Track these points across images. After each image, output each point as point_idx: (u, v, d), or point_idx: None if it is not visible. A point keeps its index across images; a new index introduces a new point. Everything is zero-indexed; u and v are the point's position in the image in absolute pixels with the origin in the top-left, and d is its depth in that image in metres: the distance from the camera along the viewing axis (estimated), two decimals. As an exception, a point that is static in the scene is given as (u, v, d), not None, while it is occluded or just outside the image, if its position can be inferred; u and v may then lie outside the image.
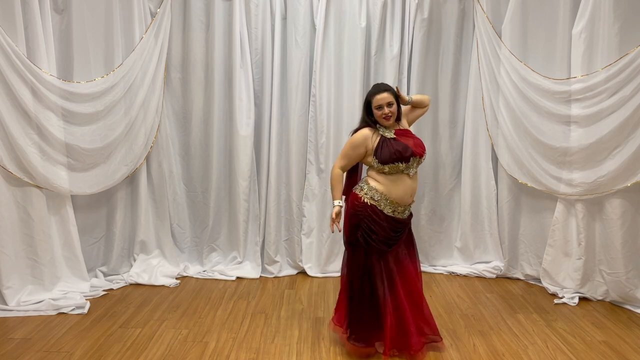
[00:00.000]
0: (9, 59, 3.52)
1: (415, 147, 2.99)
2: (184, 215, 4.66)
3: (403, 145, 2.96)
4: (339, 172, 3.06)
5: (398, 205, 2.99)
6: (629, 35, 3.61)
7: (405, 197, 3.01)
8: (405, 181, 2.98)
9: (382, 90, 3.01)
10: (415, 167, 3.01)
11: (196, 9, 4.41)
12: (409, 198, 3.03)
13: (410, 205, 3.08)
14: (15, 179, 3.70)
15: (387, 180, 2.96)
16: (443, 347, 3.16)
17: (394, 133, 3.01)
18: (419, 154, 3.00)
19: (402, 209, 3.02)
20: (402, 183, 2.97)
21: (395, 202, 2.97)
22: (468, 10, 4.51)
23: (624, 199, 3.76)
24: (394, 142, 2.97)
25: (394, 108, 3.00)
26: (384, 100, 2.97)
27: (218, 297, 4.02)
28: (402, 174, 2.97)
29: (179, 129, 4.58)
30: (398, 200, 2.98)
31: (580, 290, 4.03)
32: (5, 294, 3.66)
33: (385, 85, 3.06)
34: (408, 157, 2.94)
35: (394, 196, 2.97)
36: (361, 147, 3.00)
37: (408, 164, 2.96)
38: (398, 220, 3.01)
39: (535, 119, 4.11)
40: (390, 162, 2.92)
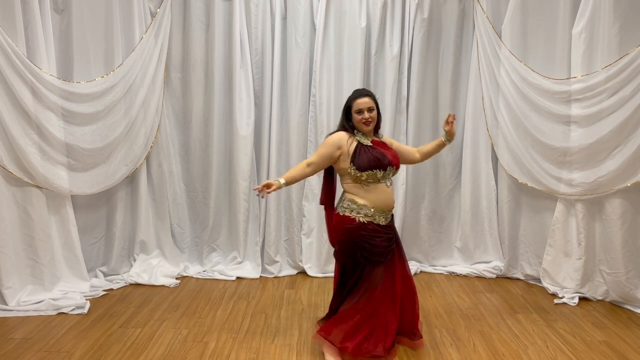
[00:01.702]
0: (9, 59, 3.52)
1: (392, 157, 2.98)
2: (184, 215, 4.66)
3: (381, 153, 2.93)
4: (303, 163, 2.99)
5: (388, 212, 2.99)
6: (629, 35, 3.61)
7: (389, 203, 2.98)
8: (384, 189, 2.94)
9: (364, 95, 2.97)
10: (390, 177, 2.99)
11: (196, 9, 4.41)
12: (392, 203, 3.01)
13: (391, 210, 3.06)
14: (15, 179, 3.70)
15: (369, 190, 2.93)
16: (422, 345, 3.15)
17: (371, 141, 2.99)
18: (396, 164, 2.99)
19: (389, 214, 3.02)
20: (382, 191, 2.94)
21: (384, 210, 2.96)
22: (468, 10, 4.51)
23: (624, 199, 3.76)
24: (372, 149, 2.93)
25: (374, 114, 2.97)
26: (365, 104, 2.94)
27: (218, 297, 4.02)
28: (380, 183, 2.93)
29: (179, 129, 4.59)
30: (385, 207, 2.96)
31: (580, 290, 4.03)
32: (5, 294, 3.66)
33: (367, 91, 3.03)
34: (385, 165, 2.91)
35: (381, 205, 2.94)
36: (334, 148, 2.94)
37: (385, 173, 2.92)
38: (387, 226, 2.99)
39: (535, 119, 4.11)
40: (369, 169, 2.88)
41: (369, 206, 2.91)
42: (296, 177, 2.98)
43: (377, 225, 2.92)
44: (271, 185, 2.83)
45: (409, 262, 4.64)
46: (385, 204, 2.95)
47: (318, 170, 3.01)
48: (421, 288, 4.26)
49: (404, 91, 4.55)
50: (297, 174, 2.97)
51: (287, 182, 2.92)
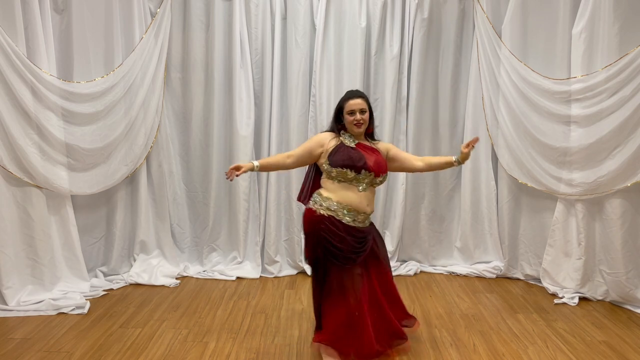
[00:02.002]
0: (9, 59, 3.52)
1: (372, 163, 2.83)
2: (184, 215, 4.66)
3: (359, 155, 2.82)
4: (284, 154, 2.96)
5: (357, 214, 2.85)
6: (629, 35, 3.61)
7: (361, 205, 2.85)
8: (355, 191, 2.82)
9: (357, 96, 2.89)
10: (366, 183, 2.83)
11: (196, 9, 4.41)
12: (366, 206, 2.87)
13: (369, 214, 2.93)
14: (15, 179, 3.70)
15: (339, 187, 2.82)
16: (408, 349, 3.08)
17: (357, 144, 2.89)
18: (374, 170, 2.82)
19: (362, 218, 2.87)
20: (353, 193, 2.82)
21: (353, 210, 2.83)
22: (468, 10, 4.51)
23: (624, 199, 3.76)
24: (353, 150, 2.84)
25: (366, 116, 2.89)
26: (357, 106, 2.86)
27: (218, 297, 4.02)
28: (351, 185, 2.82)
29: (179, 129, 4.59)
30: (355, 207, 2.83)
31: (580, 290, 4.03)
32: (5, 294, 3.66)
33: (360, 92, 2.95)
34: (359, 167, 2.78)
35: (350, 203, 2.82)
36: (316, 144, 2.89)
37: (358, 175, 2.80)
38: (359, 229, 2.87)
39: (535, 119, 4.11)
40: (340, 166, 2.79)
41: (333, 200, 2.82)
42: (272, 164, 2.95)
43: (340, 222, 2.80)
44: (240, 167, 2.79)
45: (409, 262, 4.71)
46: (354, 206, 2.83)
47: (298, 163, 2.94)
48: (421, 288, 4.26)
49: (404, 91, 4.55)
50: (274, 161, 2.97)
51: (260, 166, 2.87)
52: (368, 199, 2.86)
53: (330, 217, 2.81)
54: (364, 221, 2.89)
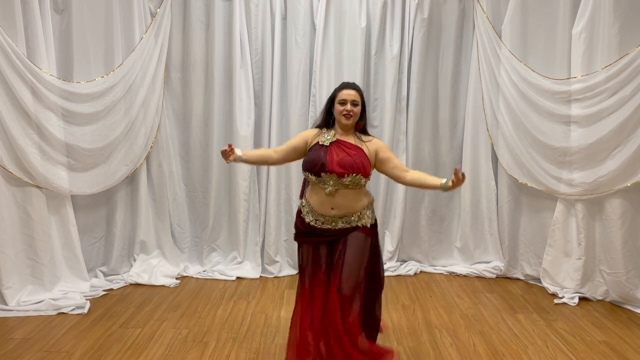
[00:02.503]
0: (9, 59, 3.51)
1: (334, 164, 2.61)
2: (184, 215, 4.66)
3: (318, 157, 2.64)
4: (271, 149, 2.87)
5: (319, 215, 2.70)
6: (629, 35, 3.61)
7: (322, 207, 2.68)
8: (321, 194, 2.67)
9: (351, 87, 2.74)
10: (332, 185, 2.63)
11: (196, 9, 4.41)
12: (328, 209, 2.67)
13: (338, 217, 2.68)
14: (15, 179, 3.70)
15: (312, 188, 2.73)
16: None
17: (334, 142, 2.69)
18: (335, 171, 2.60)
19: (324, 220, 2.69)
20: (320, 196, 2.68)
21: (315, 211, 2.70)
22: (468, 10, 4.51)
23: (624, 199, 3.76)
24: (320, 150, 2.67)
25: (358, 110, 2.70)
26: (350, 96, 2.69)
27: (218, 297, 4.02)
28: (318, 186, 2.67)
29: (179, 129, 4.59)
30: (317, 209, 2.70)
31: (580, 290, 4.03)
32: (5, 294, 3.66)
33: (355, 85, 2.78)
34: (317, 171, 2.62)
35: (312, 204, 2.71)
36: (301, 140, 2.77)
37: (319, 178, 2.63)
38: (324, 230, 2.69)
39: (535, 119, 4.11)
40: (304, 169, 2.69)
41: (307, 201, 2.75)
42: (256, 156, 2.83)
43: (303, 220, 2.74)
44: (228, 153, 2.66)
45: (409, 262, 4.70)
46: (317, 207, 2.69)
47: (285, 159, 2.81)
48: (421, 288, 4.26)
49: (404, 91, 4.55)
50: (259, 153, 2.95)
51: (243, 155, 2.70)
52: (335, 203, 2.64)
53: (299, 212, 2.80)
54: (331, 222, 2.68)
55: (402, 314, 3.70)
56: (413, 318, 3.63)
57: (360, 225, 2.69)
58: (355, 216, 2.69)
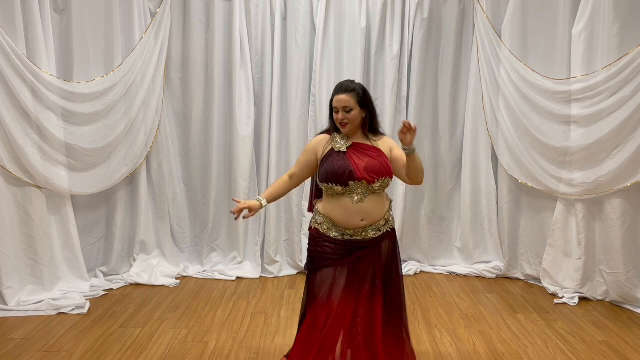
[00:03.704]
0: (9, 59, 3.51)
1: (361, 170, 2.43)
2: (184, 215, 4.66)
3: (344, 165, 2.44)
4: (285, 176, 2.65)
5: (346, 229, 2.49)
6: (629, 35, 3.61)
7: (350, 220, 2.47)
8: (347, 205, 2.46)
9: (343, 90, 2.47)
10: (361, 193, 2.45)
11: (196, 9, 4.41)
12: (358, 221, 2.48)
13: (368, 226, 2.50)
14: (15, 179, 3.70)
15: (331, 201, 2.50)
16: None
17: (351, 146, 2.51)
18: (364, 178, 2.42)
19: (353, 232, 2.50)
20: (345, 207, 2.47)
21: (340, 226, 2.49)
22: (468, 10, 4.51)
23: (624, 199, 3.76)
24: (340, 157, 2.46)
25: (353, 115, 2.47)
26: (340, 103, 2.46)
27: (218, 297, 4.02)
28: (344, 197, 2.46)
29: (179, 129, 4.58)
30: (342, 223, 2.49)
31: (580, 290, 4.03)
32: (5, 294, 3.66)
33: (348, 85, 2.50)
34: (345, 180, 2.42)
35: (338, 219, 2.49)
36: (312, 154, 2.57)
37: (346, 188, 2.44)
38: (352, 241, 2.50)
39: (535, 119, 4.11)
40: (325, 181, 2.47)
41: (322, 213, 2.55)
42: (278, 193, 2.62)
43: (325, 234, 2.52)
44: (252, 208, 2.50)
45: (409, 262, 4.70)
46: (344, 221, 2.48)
47: (302, 180, 2.65)
48: (421, 288, 4.26)
49: (404, 91, 4.55)
50: (279, 189, 2.63)
51: (268, 201, 2.58)
52: (365, 211, 2.47)
53: (316, 229, 2.56)
54: (361, 233, 2.51)
55: (402, 314, 3.70)
56: (413, 318, 3.63)
57: (388, 229, 2.56)
58: (382, 221, 2.54)
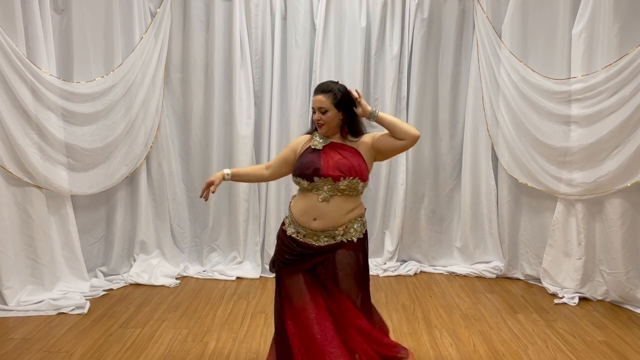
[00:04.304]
0: (9, 59, 3.51)
1: (328, 167, 2.39)
2: (184, 215, 4.66)
3: (312, 160, 2.43)
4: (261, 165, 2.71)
5: (300, 227, 2.45)
6: (629, 35, 3.61)
7: (304, 216, 2.44)
8: (314, 203, 2.42)
9: (320, 91, 2.45)
10: (327, 191, 2.40)
11: (196, 9, 4.41)
12: (310, 219, 2.43)
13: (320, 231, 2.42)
14: (15, 179, 3.70)
15: (300, 197, 2.51)
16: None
17: (328, 145, 2.48)
18: (329, 175, 2.38)
19: (305, 233, 2.44)
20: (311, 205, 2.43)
21: (296, 222, 2.47)
22: (468, 10, 4.51)
23: (624, 199, 3.76)
24: (313, 154, 2.46)
25: (328, 116, 2.42)
26: (316, 103, 2.44)
27: (218, 297, 4.02)
28: (311, 193, 2.43)
29: (179, 129, 4.59)
30: (297, 218, 2.47)
31: (580, 290, 4.02)
32: (5, 294, 3.65)
33: (325, 86, 2.47)
34: (310, 175, 2.40)
35: (303, 218, 2.45)
36: (290, 151, 2.58)
37: (312, 184, 2.41)
38: (305, 244, 2.44)
39: (535, 119, 4.11)
40: (296, 175, 2.47)
41: (292, 212, 2.51)
42: (248, 175, 2.70)
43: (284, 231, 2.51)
44: (213, 181, 2.54)
45: (409, 262, 4.70)
46: (298, 216, 2.45)
47: (277, 175, 2.67)
48: (421, 288, 4.26)
49: (404, 91, 4.55)
50: (251, 171, 2.72)
51: (233, 175, 2.59)
52: (320, 211, 2.41)
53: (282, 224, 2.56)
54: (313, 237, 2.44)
55: (402, 314, 3.70)
56: (413, 318, 3.63)
57: (345, 240, 2.44)
58: (340, 229, 2.44)
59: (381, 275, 4.53)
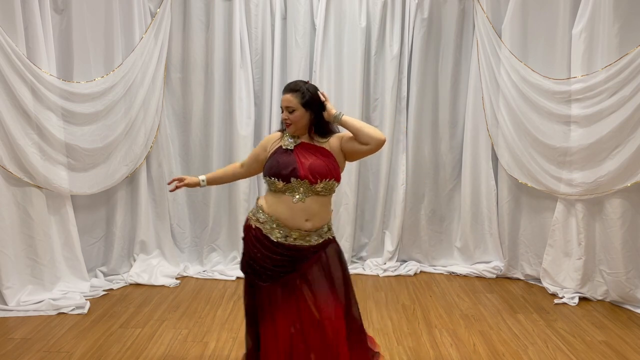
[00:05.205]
0: (9, 59, 3.51)
1: (305, 169, 2.36)
2: (184, 215, 4.66)
3: (288, 161, 2.38)
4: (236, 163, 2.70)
5: (290, 230, 2.38)
6: (629, 35, 3.61)
7: (295, 218, 2.37)
8: (289, 204, 2.37)
9: (288, 89, 2.43)
10: (302, 192, 2.36)
11: (196, 9, 4.41)
12: (302, 221, 2.37)
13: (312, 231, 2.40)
14: (15, 179, 3.70)
15: (274, 198, 2.42)
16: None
17: (299, 145, 2.44)
18: (306, 177, 2.34)
19: (297, 235, 2.38)
20: (287, 205, 2.38)
21: (285, 226, 2.38)
22: (468, 10, 4.51)
23: (624, 199, 3.76)
24: (286, 154, 2.41)
25: (296, 116, 2.40)
26: (283, 102, 2.42)
27: (218, 297, 4.02)
28: (285, 195, 2.38)
29: (179, 129, 4.59)
30: (286, 221, 2.38)
31: (580, 290, 4.03)
32: (5, 294, 3.65)
33: (294, 85, 2.45)
34: (286, 175, 2.35)
35: (280, 216, 2.38)
36: (261, 149, 2.54)
37: (287, 185, 2.36)
38: (295, 247, 2.38)
39: (535, 119, 4.11)
40: (268, 175, 2.41)
41: (265, 210, 2.43)
42: (222, 176, 2.69)
43: (266, 237, 2.40)
44: (184, 179, 2.63)
45: (409, 262, 4.70)
46: (288, 219, 2.38)
47: (251, 172, 2.65)
48: (421, 288, 4.26)
49: (404, 91, 4.55)
50: (226, 172, 2.69)
51: (208, 180, 2.62)
52: (307, 212, 2.37)
53: (257, 229, 2.43)
54: (305, 238, 2.39)
55: (402, 314, 3.70)
56: (413, 318, 3.63)
57: (330, 237, 2.47)
58: (325, 227, 2.46)
59: (381, 275, 4.53)
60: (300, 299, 2.36)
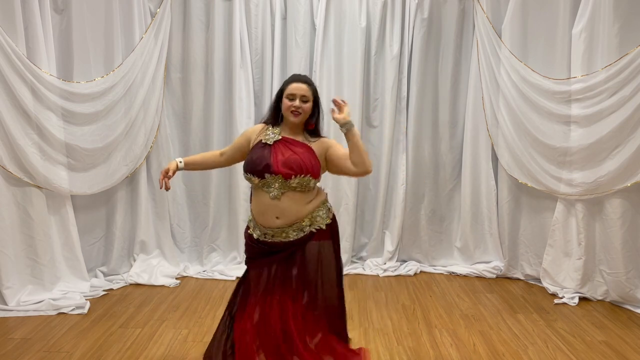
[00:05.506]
0: (9, 59, 3.51)
1: (279, 164, 2.35)
2: (184, 215, 4.66)
3: (262, 156, 2.38)
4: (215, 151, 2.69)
5: (266, 228, 2.42)
6: (629, 35, 3.61)
7: (265, 216, 2.40)
8: (265, 200, 2.39)
9: (303, 80, 2.47)
10: (278, 188, 2.36)
11: (196, 9, 4.41)
12: (273, 218, 2.39)
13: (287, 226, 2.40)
14: (15, 179, 3.70)
15: (254, 195, 2.46)
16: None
17: (279, 140, 2.44)
18: (280, 172, 2.34)
19: (273, 232, 2.41)
20: (263, 202, 2.40)
21: (259, 224, 2.44)
22: (468, 10, 4.51)
23: (624, 199, 3.76)
24: (263, 149, 2.41)
25: (308, 107, 2.44)
26: (300, 91, 2.42)
27: (218, 297, 4.02)
28: (262, 191, 2.40)
29: (179, 129, 4.59)
30: (259, 220, 2.43)
31: (580, 290, 4.03)
32: (5, 294, 3.65)
33: (307, 78, 2.52)
34: (260, 171, 2.36)
35: (258, 216, 2.44)
36: (244, 139, 2.54)
37: (262, 180, 2.37)
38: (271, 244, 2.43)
39: (535, 119, 4.11)
40: (245, 171, 2.43)
41: (254, 215, 2.49)
42: (202, 162, 2.67)
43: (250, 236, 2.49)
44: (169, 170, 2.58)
45: (409, 262, 4.70)
46: (259, 217, 2.42)
47: (231, 161, 2.64)
48: (421, 288, 4.26)
49: (404, 91, 4.55)
50: (204, 158, 2.68)
51: (186, 163, 2.61)
52: (278, 210, 2.37)
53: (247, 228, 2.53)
54: (281, 234, 2.41)
55: (402, 314, 3.71)
56: (413, 318, 3.63)
57: (314, 229, 2.43)
58: (306, 220, 2.42)
59: (381, 275, 4.53)
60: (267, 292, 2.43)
